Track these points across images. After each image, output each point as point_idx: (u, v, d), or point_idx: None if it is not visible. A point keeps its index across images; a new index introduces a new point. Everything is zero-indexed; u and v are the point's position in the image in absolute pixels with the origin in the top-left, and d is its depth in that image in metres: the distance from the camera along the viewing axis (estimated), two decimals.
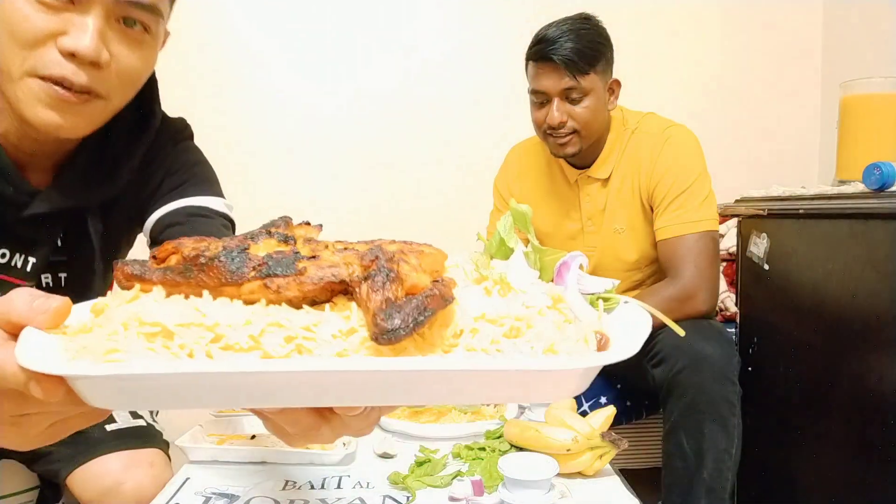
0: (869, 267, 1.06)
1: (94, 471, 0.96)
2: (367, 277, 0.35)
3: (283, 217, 0.43)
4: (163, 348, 0.33)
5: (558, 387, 0.36)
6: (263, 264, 0.36)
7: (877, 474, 1.04)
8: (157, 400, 0.36)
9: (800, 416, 1.24)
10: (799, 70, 2.30)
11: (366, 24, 2.20)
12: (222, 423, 1.09)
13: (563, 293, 0.41)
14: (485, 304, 0.38)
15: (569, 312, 0.39)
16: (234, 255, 0.36)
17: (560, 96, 1.38)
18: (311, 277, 0.36)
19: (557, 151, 1.45)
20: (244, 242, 0.38)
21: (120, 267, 0.38)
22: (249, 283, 0.36)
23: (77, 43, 0.67)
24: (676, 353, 1.24)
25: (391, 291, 0.34)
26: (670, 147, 1.42)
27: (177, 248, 0.39)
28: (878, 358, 1.04)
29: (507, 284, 0.40)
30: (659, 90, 2.15)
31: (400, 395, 0.36)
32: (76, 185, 0.82)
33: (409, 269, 0.36)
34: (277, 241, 0.39)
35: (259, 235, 0.40)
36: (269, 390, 0.33)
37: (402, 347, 0.34)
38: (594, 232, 1.54)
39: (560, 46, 1.35)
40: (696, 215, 1.38)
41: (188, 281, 0.36)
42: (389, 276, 0.35)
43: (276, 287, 0.36)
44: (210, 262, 0.36)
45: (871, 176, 1.07)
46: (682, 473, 1.23)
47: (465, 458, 0.97)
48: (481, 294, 0.40)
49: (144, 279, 0.37)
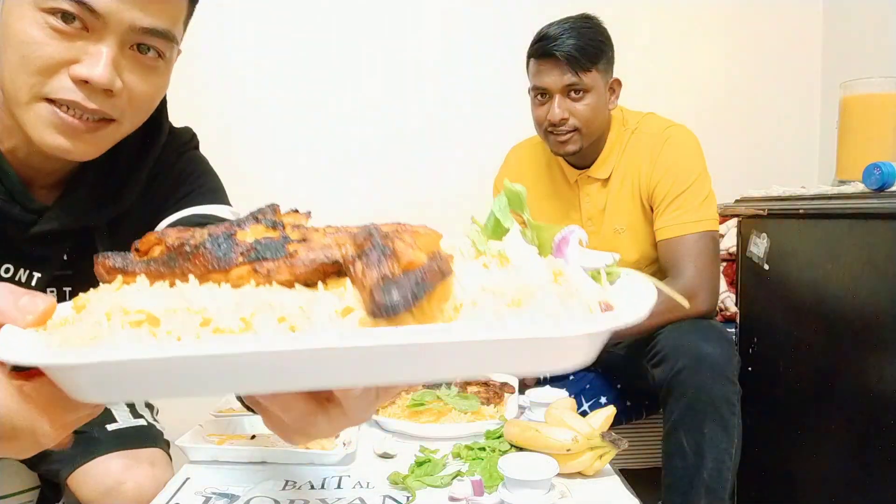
0: (869, 267, 1.06)
1: (94, 471, 0.95)
2: (362, 255, 0.34)
3: (271, 204, 0.41)
4: (149, 335, 0.31)
5: (567, 355, 0.34)
6: (252, 249, 0.35)
7: (877, 474, 1.04)
8: (144, 388, 0.34)
9: (800, 416, 1.24)
10: (799, 70, 2.30)
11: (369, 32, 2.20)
12: (222, 423, 1.09)
13: (564, 267, 0.40)
14: (484, 277, 0.37)
15: (571, 286, 0.38)
16: (220, 242, 0.35)
17: (561, 93, 1.39)
18: (302, 260, 0.35)
19: (558, 149, 1.45)
20: (230, 229, 0.37)
21: (101, 260, 0.36)
22: (238, 268, 0.34)
23: (91, 71, 0.66)
24: (676, 353, 1.24)
25: (388, 267, 0.33)
26: (670, 147, 1.42)
27: (160, 238, 0.37)
28: (878, 358, 1.04)
29: (505, 258, 0.39)
30: (659, 90, 2.15)
31: (402, 370, 0.33)
32: (84, 204, 0.81)
33: (404, 246, 0.34)
34: (265, 227, 0.38)
35: (246, 221, 0.38)
36: (263, 372, 0.31)
37: (400, 323, 0.32)
38: (594, 232, 1.54)
39: (562, 43, 1.35)
40: (697, 215, 1.38)
41: (173, 271, 0.35)
42: (385, 252, 0.33)
43: (266, 271, 0.34)
44: (195, 250, 0.35)
45: (871, 176, 1.07)
46: (682, 473, 1.23)
47: (465, 458, 0.97)
48: (480, 269, 0.38)
49: (127, 271, 0.36)
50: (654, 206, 1.43)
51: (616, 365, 1.61)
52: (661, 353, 1.28)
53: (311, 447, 0.99)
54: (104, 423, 1.00)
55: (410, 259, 0.34)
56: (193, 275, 0.35)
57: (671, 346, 1.26)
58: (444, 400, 1.08)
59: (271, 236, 0.37)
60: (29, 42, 0.65)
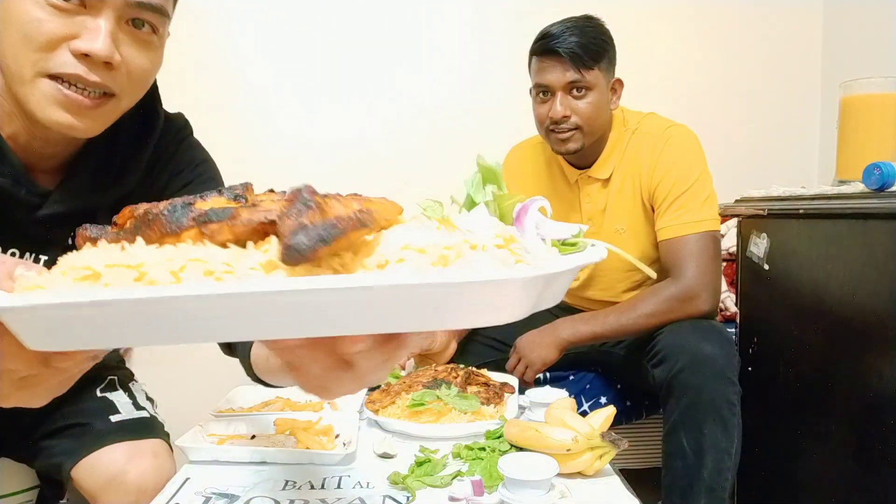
0: (869, 267, 1.06)
1: (98, 461, 0.97)
2: (288, 210, 0.34)
3: (244, 183, 0.43)
4: (88, 286, 0.34)
5: (498, 306, 0.34)
6: (203, 214, 0.36)
7: (877, 474, 1.04)
8: (84, 336, 0.35)
9: (800, 416, 1.24)
10: (799, 70, 2.30)
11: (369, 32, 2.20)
12: (222, 424, 1.09)
13: (518, 235, 0.39)
14: (415, 235, 0.36)
15: (522, 253, 0.37)
16: (177, 209, 0.37)
17: (564, 90, 1.39)
18: (241, 220, 0.36)
19: (559, 148, 1.45)
20: (191, 199, 0.39)
21: (80, 232, 0.40)
22: (187, 231, 0.36)
23: (90, 45, 0.69)
24: (676, 353, 1.24)
25: (307, 217, 0.33)
26: (671, 147, 1.42)
27: (132, 210, 0.40)
28: (878, 358, 1.04)
29: (450, 223, 0.39)
30: (659, 90, 2.15)
31: (311, 321, 0.33)
32: (87, 186, 0.84)
33: (335, 203, 0.35)
34: (227, 199, 0.40)
35: (209, 194, 0.41)
36: (186, 319, 0.33)
37: (316, 274, 0.33)
38: (594, 233, 1.53)
39: (565, 40, 1.35)
40: (698, 215, 1.38)
41: (136, 238, 0.37)
42: (308, 204, 0.34)
43: (210, 232, 0.36)
44: (155, 218, 0.37)
45: (871, 176, 1.07)
46: (682, 473, 1.23)
47: (465, 458, 0.97)
48: (422, 231, 0.38)
49: (98, 239, 0.39)
50: (656, 206, 1.43)
51: (616, 365, 1.61)
52: (661, 353, 1.28)
53: (312, 447, 0.99)
54: (107, 415, 1.01)
55: (337, 214, 0.34)
56: (151, 239, 0.37)
57: (671, 346, 1.26)
58: (444, 400, 1.08)
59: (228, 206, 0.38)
60: (30, 20, 0.69)
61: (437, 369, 1.20)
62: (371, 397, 1.15)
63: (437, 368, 1.20)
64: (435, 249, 0.35)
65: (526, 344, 1.43)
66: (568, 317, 1.45)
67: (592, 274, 1.57)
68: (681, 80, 2.27)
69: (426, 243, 0.35)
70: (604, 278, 1.57)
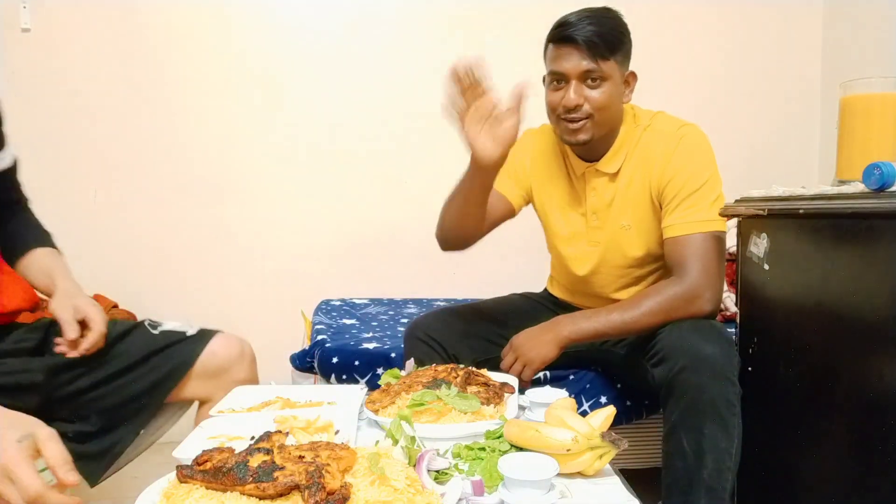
0: (869, 267, 1.06)
1: (216, 346, 1.28)
2: (308, 486, 0.68)
3: (264, 433, 0.83)
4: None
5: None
6: (255, 473, 0.71)
7: (877, 474, 1.04)
8: None
9: (800, 416, 1.24)
10: (799, 70, 2.30)
11: (369, 31, 2.20)
12: (222, 424, 1.09)
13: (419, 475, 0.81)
14: (370, 494, 0.71)
15: (421, 488, 0.77)
16: (241, 467, 0.72)
17: (579, 79, 1.38)
18: (281, 483, 0.70)
19: (569, 137, 1.44)
20: (245, 458, 0.74)
21: (179, 469, 0.75)
22: (249, 485, 0.71)
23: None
24: (676, 353, 1.24)
25: (318, 497, 0.67)
26: (685, 146, 1.41)
27: (209, 457, 0.76)
28: (878, 358, 1.04)
29: (385, 478, 0.74)
30: (659, 90, 2.14)
31: None
32: None
33: (329, 478, 0.69)
34: (263, 455, 0.74)
35: (253, 452, 0.75)
36: None
37: None
38: (598, 227, 1.53)
39: (582, 28, 1.35)
40: (706, 215, 1.38)
41: (217, 481, 0.72)
42: (318, 486, 0.68)
43: (263, 489, 0.70)
44: (228, 472, 0.72)
45: (871, 176, 1.07)
46: (682, 473, 1.23)
47: (465, 458, 0.97)
48: (372, 489, 0.73)
49: (192, 478, 0.74)
50: (664, 203, 1.43)
51: (616, 365, 1.61)
52: (661, 353, 1.28)
53: None
54: (183, 331, 1.29)
55: (332, 488, 0.69)
56: (227, 485, 0.72)
57: (671, 346, 1.26)
58: (444, 400, 1.08)
59: (266, 461, 0.73)
60: None
61: (437, 369, 1.20)
62: (371, 397, 1.15)
63: (437, 369, 1.20)
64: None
65: (524, 342, 1.41)
66: (568, 314, 1.44)
67: (592, 272, 1.57)
68: (681, 80, 2.27)
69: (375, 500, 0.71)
70: (603, 276, 1.57)
